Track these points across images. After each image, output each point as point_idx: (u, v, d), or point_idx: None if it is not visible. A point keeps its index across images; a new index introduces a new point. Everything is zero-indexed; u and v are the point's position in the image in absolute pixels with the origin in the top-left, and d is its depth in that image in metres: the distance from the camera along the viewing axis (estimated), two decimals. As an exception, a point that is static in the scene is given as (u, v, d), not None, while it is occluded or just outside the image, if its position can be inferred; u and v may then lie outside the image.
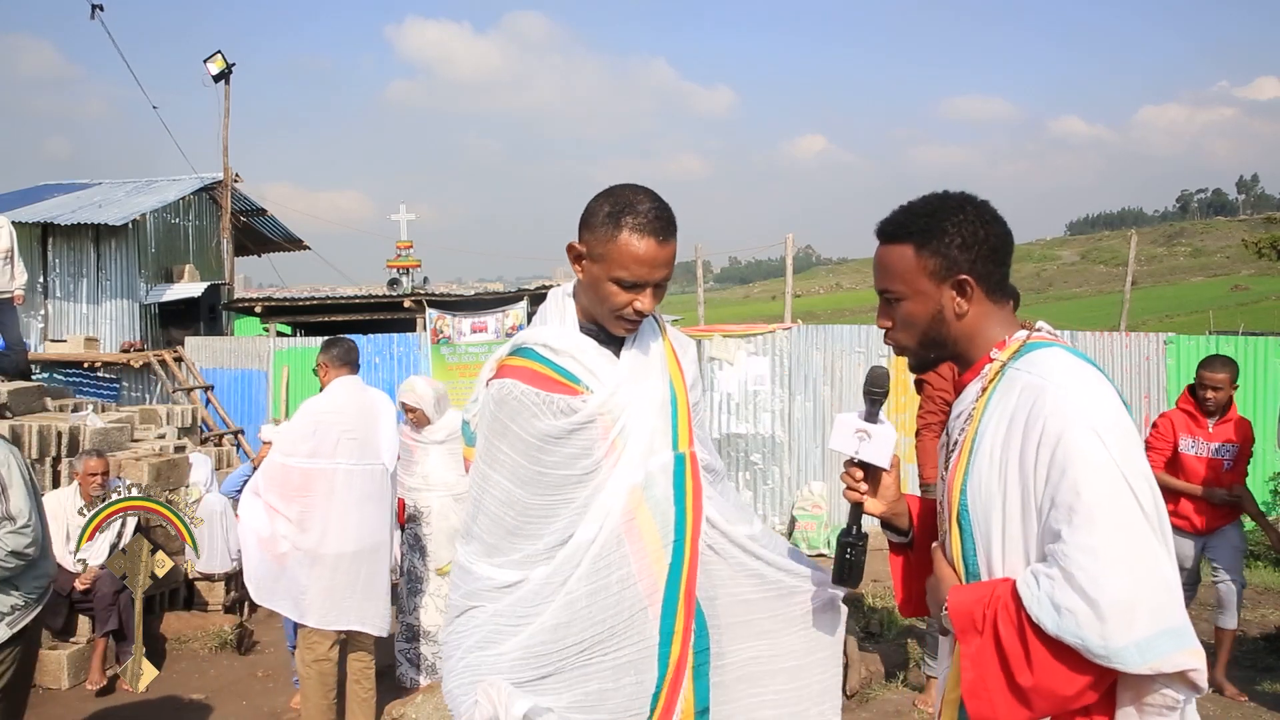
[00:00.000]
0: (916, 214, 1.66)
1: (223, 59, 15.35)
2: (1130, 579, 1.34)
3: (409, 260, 13.32)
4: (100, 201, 15.42)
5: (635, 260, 1.85)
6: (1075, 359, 1.54)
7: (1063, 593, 1.36)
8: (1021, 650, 1.41)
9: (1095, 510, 1.37)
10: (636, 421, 1.94)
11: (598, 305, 1.94)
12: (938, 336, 1.67)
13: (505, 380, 1.94)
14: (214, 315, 14.77)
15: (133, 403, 11.90)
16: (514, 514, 1.92)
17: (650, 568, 1.93)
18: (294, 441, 4.22)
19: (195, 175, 16.71)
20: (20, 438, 5.96)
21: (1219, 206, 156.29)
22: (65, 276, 14.28)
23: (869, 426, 1.78)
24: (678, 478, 1.97)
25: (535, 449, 1.90)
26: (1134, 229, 24.74)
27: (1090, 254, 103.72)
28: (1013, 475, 1.49)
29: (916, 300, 1.66)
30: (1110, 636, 1.33)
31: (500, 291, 12.29)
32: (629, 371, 1.97)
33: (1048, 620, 1.37)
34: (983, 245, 1.61)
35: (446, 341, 11.06)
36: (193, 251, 16.11)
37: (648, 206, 1.88)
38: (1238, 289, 63.13)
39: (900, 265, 1.66)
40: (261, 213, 17.71)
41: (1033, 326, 1.66)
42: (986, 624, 1.46)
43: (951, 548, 1.62)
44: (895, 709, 4.79)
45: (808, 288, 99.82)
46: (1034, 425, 1.46)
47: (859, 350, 9.99)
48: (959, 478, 1.59)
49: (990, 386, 1.59)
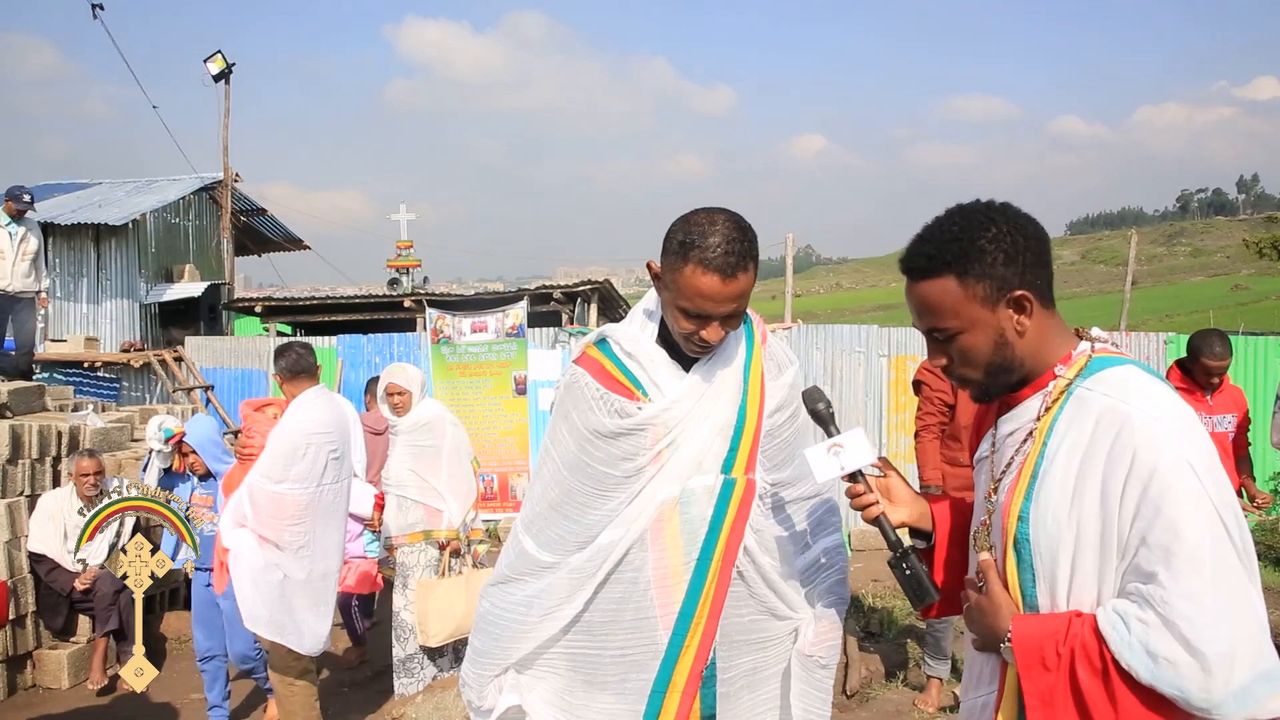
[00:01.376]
0: (947, 240, 1.53)
1: (223, 59, 15.33)
2: (1231, 627, 1.28)
3: (409, 260, 13.32)
4: (100, 201, 15.41)
5: (699, 295, 1.82)
6: (1152, 379, 1.46)
7: (1161, 640, 1.29)
8: (1104, 694, 1.34)
9: (1197, 554, 1.30)
10: (688, 438, 1.94)
11: (672, 325, 1.93)
12: (1004, 362, 1.56)
13: (578, 368, 2.02)
14: (214, 315, 14.76)
15: (133, 402, 11.90)
16: (559, 492, 2.01)
17: (667, 580, 1.94)
18: (284, 466, 3.95)
19: (195, 175, 16.70)
20: (20, 437, 5.95)
21: (1219, 206, 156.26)
22: (65, 276, 14.27)
23: (836, 439, 1.77)
24: (720, 502, 1.95)
25: (585, 440, 1.97)
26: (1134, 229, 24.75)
27: (1090, 254, 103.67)
28: (1090, 508, 1.40)
29: (974, 332, 1.54)
30: (1213, 689, 1.27)
31: (501, 291, 12.28)
32: (693, 388, 1.96)
33: (1141, 668, 1.31)
34: (1025, 253, 1.50)
35: (447, 341, 11.06)
36: (193, 251, 16.11)
37: (717, 240, 1.81)
38: (1238, 289, 63.08)
39: (946, 300, 1.53)
40: (261, 212, 17.70)
41: (1091, 336, 1.57)
42: (1062, 663, 1.38)
43: (1007, 574, 1.53)
44: (895, 709, 4.79)
45: (808, 287, 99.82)
46: (1120, 456, 1.37)
47: (859, 350, 9.98)
48: (1018, 503, 1.50)
49: (1056, 406, 1.49)
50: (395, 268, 13.26)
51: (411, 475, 5.11)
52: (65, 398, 8.85)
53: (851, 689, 4.94)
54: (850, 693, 4.93)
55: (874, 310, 65.39)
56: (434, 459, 5.14)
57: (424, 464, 5.11)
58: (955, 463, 4.57)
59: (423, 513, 5.11)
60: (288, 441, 3.98)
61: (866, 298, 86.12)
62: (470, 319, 11.12)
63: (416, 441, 5.12)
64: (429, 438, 5.14)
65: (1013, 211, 1.55)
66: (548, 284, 12.44)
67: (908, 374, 9.72)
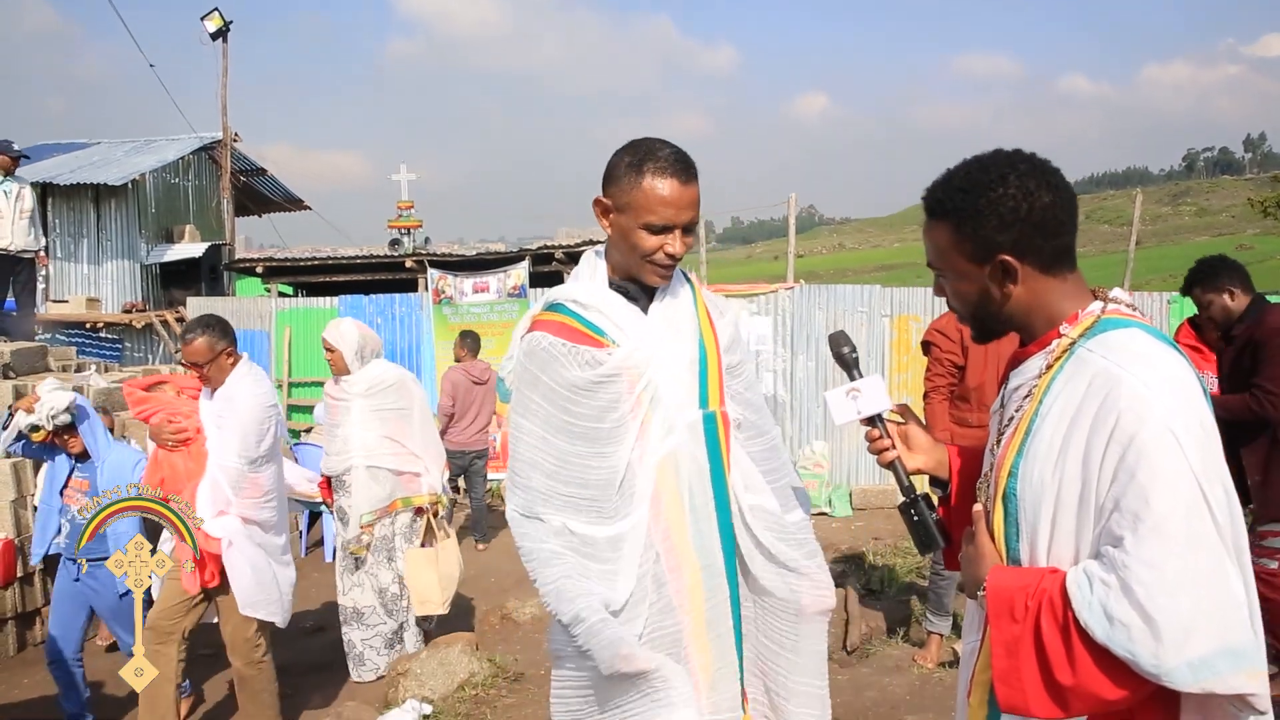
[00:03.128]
0: (953, 189, 1.54)
1: (220, 16, 15.19)
2: (1192, 598, 1.28)
3: (410, 220, 13.26)
4: (99, 161, 15.34)
5: (661, 203, 1.90)
6: (1155, 342, 1.44)
7: (1117, 604, 1.30)
8: (1063, 650, 1.36)
9: (1164, 523, 1.30)
10: (663, 377, 1.97)
11: (629, 255, 1.97)
12: (990, 315, 1.59)
13: (535, 333, 2.00)
14: (215, 276, 14.75)
15: (135, 363, 11.93)
16: (551, 458, 1.95)
17: (671, 536, 1.97)
18: (256, 444, 3.90)
19: (194, 135, 16.60)
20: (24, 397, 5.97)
21: (1226, 165, 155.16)
22: (65, 237, 14.24)
23: (855, 384, 1.79)
24: (710, 438, 2.00)
25: (565, 399, 1.94)
26: (1139, 188, 24.55)
27: (1095, 213, 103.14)
28: (1073, 467, 1.41)
29: (961, 280, 1.58)
30: (1163, 656, 1.27)
31: (502, 251, 12.24)
32: (656, 327, 2.01)
33: (1097, 628, 1.32)
34: (1024, 222, 1.48)
35: (448, 302, 11.05)
36: (193, 212, 16.05)
37: (667, 151, 1.93)
38: (1242, 249, 62.71)
39: (941, 244, 1.58)
40: (261, 172, 17.62)
41: (1107, 297, 1.54)
42: (1028, 615, 1.40)
43: (994, 525, 1.56)
44: (895, 664, 4.84)
45: (810, 248, 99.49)
46: (1105, 418, 1.37)
47: (861, 310, 9.97)
48: (1010, 457, 1.52)
49: (1056, 364, 1.49)
50: (396, 228, 13.20)
51: (386, 443, 4.89)
52: (68, 358, 8.87)
53: (852, 645, 4.99)
54: (851, 649, 4.99)
55: (877, 270, 65.17)
56: (406, 423, 4.95)
57: (397, 429, 4.91)
58: (964, 423, 4.57)
59: (397, 481, 4.94)
60: (254, 418, 3.90)
61: (869, 258, 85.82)
62: (472, 279, 11.10)
63: (383, 405, 4.89)
64: (398, 399, 4.94)
65: (1037, 177, 1.50)
66: (550, 244, 12.40)
67: (910, 334, 9.71)
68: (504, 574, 7.37)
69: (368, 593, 4.96)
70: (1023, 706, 1.41)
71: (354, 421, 4.86)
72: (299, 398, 11.47)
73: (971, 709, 1.58)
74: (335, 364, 4.87)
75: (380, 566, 4.96)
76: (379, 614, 4.98)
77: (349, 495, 4.91)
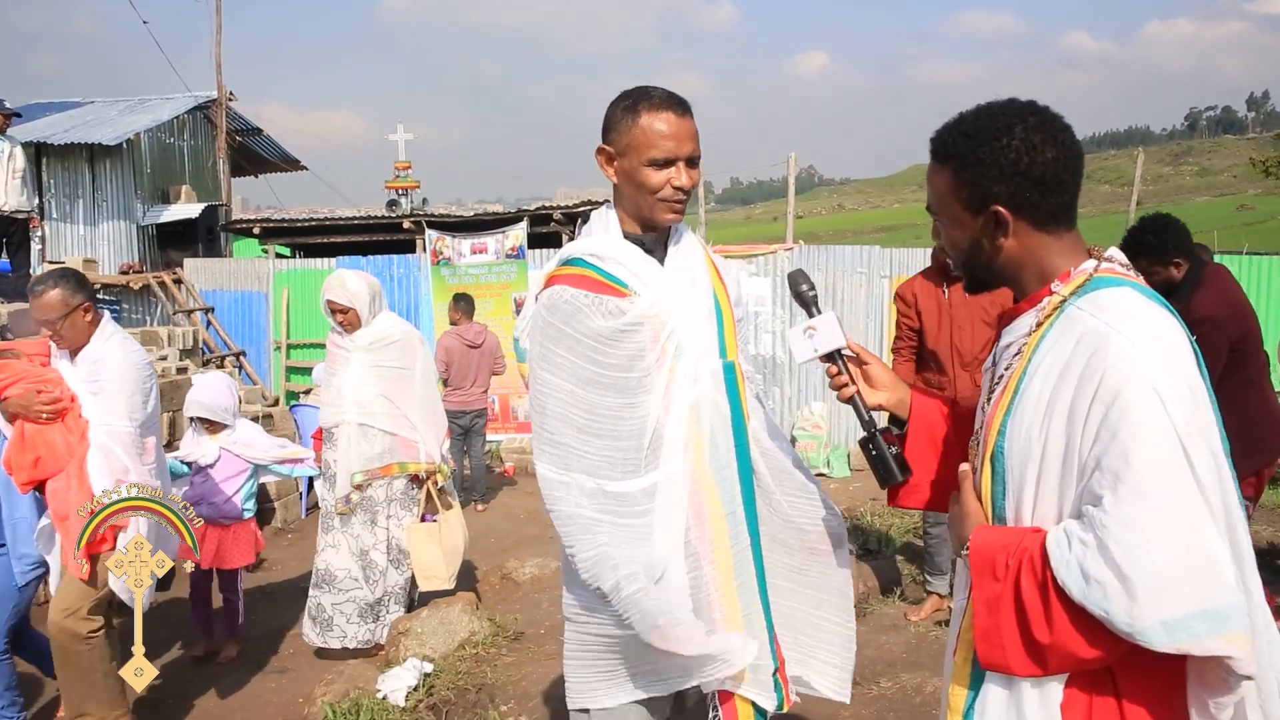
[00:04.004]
0: (960, 133, 1.53)
1: (213, -28, 14.99)
2: (1170, 558, 1.27)
3: (408, 181, 13.18)
4: (93, 120, 15.20)
5: (660, 135, 1.93)
6: (1146, 301, 1.42)
7: (1094, 562, 1.30)
8: (1042, 608, 1.36)
9: (1144, 482, 1.29)
10: (686, 326, 1.98)
11: (639, 198, 1.98)
12: (980, 264, 1.58)
13: (555, 288, 1.98)
14: (212, 237, 14.68)
15: (133, 324, 11.91)
16: (581, 412, 1.92)
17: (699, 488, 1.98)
18: (141, 405, 3.63)
19: (189, 94, 16.45)
20: (22, 359, 5.96)
21: (1228, 124, 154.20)
22: (61, 197, 14.16)
23: (812, 322, 1.81)
24: (730, 388, 2.03)
25: (591, 349, 1.93)
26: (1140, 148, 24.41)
27: (1095, 173, 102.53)
28: (1058, 426, 1.40)
29: (955, 227, 1.57)
30: (1137, 615, 1.27)
31: (500, 212, 12.18)
32: (674, 278, 2.02)
33: (1074, 586, 1.32)
34: (1025, 176, 1.47)
35: (446, 263, 11.01)
36: (189, 172, 15.94)
37: (659, 90, 1.98)
38: (1244, 209, 62.52)
39: (940, 188, 1.57)
40: (257, 132, 17.48)
41: (1103, 256, 1.53)
42: (1009, 574, 1.40)
43: (981, 485, 1.56)
44: (892, 623, 4.89)
45: (810, 209, 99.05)
46: (1090, 376, 1.35)
47: (860, 271, 9.95)
48: (999, 416, 1.51)
49: (1047, 322, 1.48)
50: (394, 189, 13.13)
51: (381, 401, 4.56)
52: (66, 320, 8.84)
53: (849, 604, 5.03)
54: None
55: (876, 231, 64.98)
56: (405, 384, 4.62)
57: (395, 389, 4.59)
58: (927, 384, 4.62)
59: (392, 442, 4.60)
60: (135, 377, 3.61)
61: (869, 219, 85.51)
62: (470, 240, 11.06)
63: (383, 362, 4.58)
64: (400, 358, 4.62)
65: (1043, 130, 1.49)
66: (548, 205, 12.34)
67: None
68: (503, 534, 7.42)
69: (343, 554, 4.63)
70: (1003, 664, 1.42)
71: (351, 374, 4.56)
72: (297, 359, 11.48)
73: (956, 666, 1.59)
74: (350, 323, 4.55)
75: (364, 529, 4.63)
76: (354, 579, 4.63)
77: (336, 450, 4.62)
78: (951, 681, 1.59)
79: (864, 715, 3.85)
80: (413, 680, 4.13)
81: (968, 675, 1.54)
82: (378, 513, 4.64)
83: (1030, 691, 1.42)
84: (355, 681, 4.16)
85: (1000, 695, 1.46)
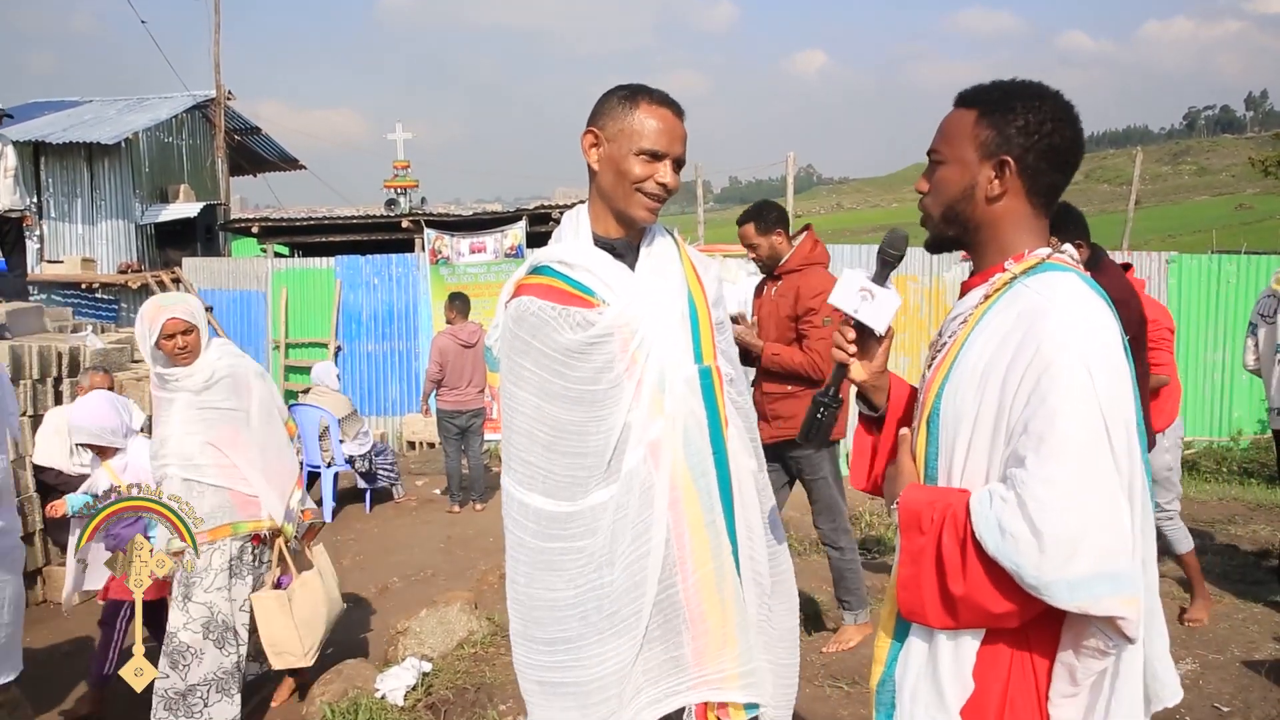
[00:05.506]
0: (996, 86, 1.61)
1: (211, -29, 14.99)
2: (1080, 517, 1.34)
3: (406, 180, 13.19)
4: (91, 120, 15.21)
5: (656, 129, 1.92)
6: (1087, 288, 1.49)
7: (1011, 518, 1.37)
8: (959, 560, 1.43)
9: (1065, 444, 1.36)
10: (657, 333, 1.93)
11: (618, 187, 1.94)
12: (960, 214, 1.61)
13: (522, 298, 1.95)
14: (210, 236, 14.69)
15: (131, 324, 11.89)
16: (546, 429, 1.91)
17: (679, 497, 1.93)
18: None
19: (187, 93, 16.46)
20: (20, 359, 5.96)
21: (1227, 124, 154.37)
22: (59, 196, 14.17)
23: (874, 287, 1.69)
24: (706, 393, 1.96)
25: (559, 363, 1.90)
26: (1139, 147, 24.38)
27: (1094, 172, 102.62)
28: (992, 391, 1.46)
29: (955, 167, 1.60)
30: (1044, 569, 1.34)
31: (499, 212, 12.18)
32: (645, 283, 1.97)
33: (989, 540, 1.38)
34: (1044, 140, 1.54)
35: (445, 262, 11.01)
36: (187, 171, 15.95)
37: (658, 90, 1.99)
38: (1242, 208, 62.59)
39: (956, 128, 1.61)
40: (256, 131, 17.49)
41: (1058, 248, 1.59)
42: (933, 527, 1.47)
43: (917, 446, 1.63)
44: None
45: (809, 208, 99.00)
46: (1027, 346, 1.42)
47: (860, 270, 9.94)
48: (937, 380, 1.57)
49: (995, 295, 1.54)
50: (393, 188, 13.13)
51: (208, 451, 3.71)
52: (64, 319, 8.86)
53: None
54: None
55: (875, 231, 64.91)
56: (237, 429, 3.77)
57: (224, 435, 3.74)
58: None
59: (225, 498, 3.73)
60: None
61: (867, 218, 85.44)
62: (469, 239, 11.05)
63: (209, 403, 3.73)
64: (228, 397, 3.77)
65: (1066, 111, 1.57)
66: (547, 204, 12.34)
67: (908, 295, 9.70)
68: (501, 534, 7.38)
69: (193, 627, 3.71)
70: (920, 613, 1.51)
71: (173, 420, 3.74)
72: (296, 358, 11.48)
73: (883, 619, 1.69)
74: (192, 348, 3.73)
75: (174, 605, 3.75)
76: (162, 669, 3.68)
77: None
78: (879, 630, 1.69)
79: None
80: (411, 680, 4.13)
81: (893, 627, 1.64)
82: (193, 585, 3.72)
83: (946, 644, 1.50)
84: (353, 681, 4.15)
85: (921, 648, 1.55)
